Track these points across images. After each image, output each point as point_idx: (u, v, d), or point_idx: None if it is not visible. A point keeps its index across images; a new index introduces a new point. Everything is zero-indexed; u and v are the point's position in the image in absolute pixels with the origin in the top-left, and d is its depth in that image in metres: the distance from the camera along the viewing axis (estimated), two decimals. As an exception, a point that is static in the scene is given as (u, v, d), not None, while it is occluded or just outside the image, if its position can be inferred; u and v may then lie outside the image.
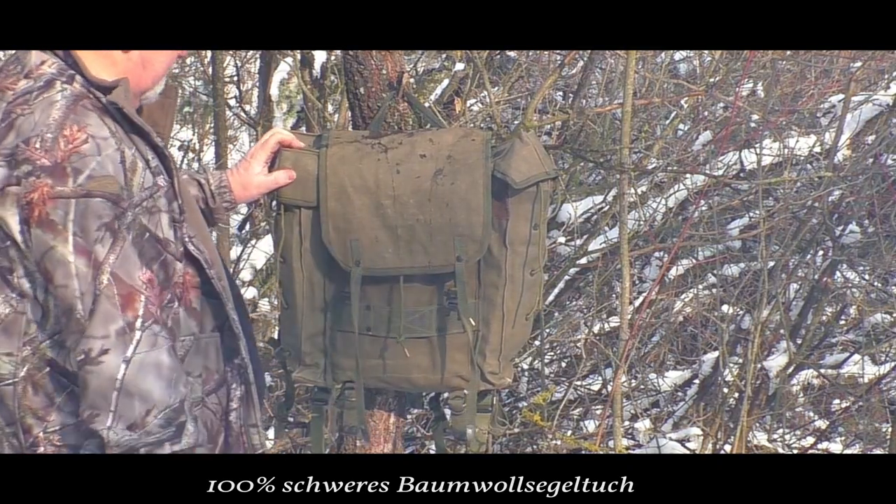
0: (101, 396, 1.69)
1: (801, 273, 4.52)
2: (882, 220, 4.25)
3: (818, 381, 4.76)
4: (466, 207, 2.17)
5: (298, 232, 2.21)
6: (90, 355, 1.69)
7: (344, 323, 2.22)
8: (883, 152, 4.25)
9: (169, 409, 1.73)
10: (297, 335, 2.28)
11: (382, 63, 2.35)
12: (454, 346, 2.24)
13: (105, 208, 1.70)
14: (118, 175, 1.72)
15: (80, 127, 1.72)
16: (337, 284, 2.22)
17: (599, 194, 5.08)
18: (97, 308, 1.69)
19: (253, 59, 5.87)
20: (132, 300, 1.71)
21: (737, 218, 4.92)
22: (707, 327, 4.94)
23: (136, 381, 1.70)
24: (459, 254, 2.17)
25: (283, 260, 2.25)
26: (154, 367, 1.71)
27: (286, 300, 2.28)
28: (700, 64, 5.35)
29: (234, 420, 1.92)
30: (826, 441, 4.69)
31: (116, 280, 1.70)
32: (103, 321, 1.69)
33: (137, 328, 1.71)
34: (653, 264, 5.08)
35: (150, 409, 1.71)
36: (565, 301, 5.01)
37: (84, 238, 1.69)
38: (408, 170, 2.18)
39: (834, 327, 4.78)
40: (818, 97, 5.03)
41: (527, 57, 4.60)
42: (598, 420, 4.44)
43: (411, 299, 2.20)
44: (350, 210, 2.16)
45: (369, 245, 2.15)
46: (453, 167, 2.18)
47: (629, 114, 3.07)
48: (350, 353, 2.23)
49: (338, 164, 2.18)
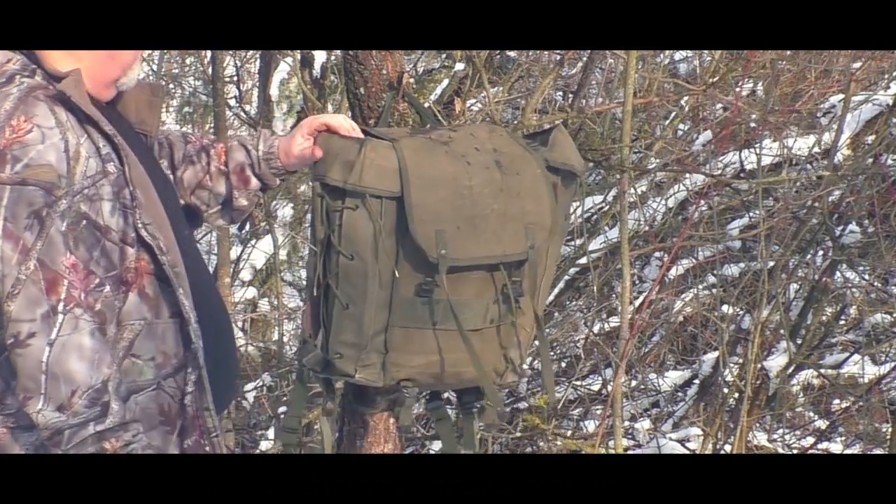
0: (32, 379, 1.78)
1: (801, 273, 4.52)
2: (882, 220, 4.25)
3: (818, 381, 4.76)
4: (534, 196, 2.19)
5: (379, 226, 2.11)
6: (18, 338, 1.77)
7: (407, 319, 2.16)
8: (883, 152, 4.25)
9: (91, 390, 1.79)
10: (366, 334, 2.15)
11: (382, 63, 2.35)
12: (495, 338, 2.24)
13: (37, 196, 1.78)
14: (59, 163, 1.80)
15: (27, 117, 1.81)
16: (407, 279, 2.14)
17: (599, 194, 5.08)
18: (24, 292, 1.77)
19: (253, 59, 5.88)
20: (55, 284, 1.78)
21: (737, 218, 4.93)
22: (707, 327, 4.94)
23: (59, 363, 1.78)
24: (531, 242, 2.18)
25: (351, 257, 2.12)
26: (76, 349, 1.79)
27: (350, 299, 2.14)
28: (700, 64, 5.35)
29: (189, 403, 1.95)
30: (826, 441, 4.69)
31: (42, 265, 1.78)
32: (29, 305, 1.77)
33: (60, 311, 1.78)
34: (653, 264, 5.08)
35: (75, 390, 1.78)
36: (565, 301, 5.01)
37: (14, 224, 1.77)
38: (475, 161, 2.17)
39: (834, 327, 4.77)
40: (818, 97, 5.04)
41: (527, 57, 4.60)
42: (598, 420, 4.44)
43: (473, 291, 2.19)
44: (433, 201, 2.10)
45: (452, 235, 2.11)
46: (506, 159, 2.19)
47: (629, 113, 3.08)
48: (411, 349, 2.17)
49: (414, 155, 2.13)
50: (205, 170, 2.20)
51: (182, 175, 2.20)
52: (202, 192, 2.21)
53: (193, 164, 2.20)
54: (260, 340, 6.27)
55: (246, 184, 2.21)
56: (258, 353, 5.96)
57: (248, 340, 5.98)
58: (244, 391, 5.26)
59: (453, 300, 2.14)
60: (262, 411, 5.09)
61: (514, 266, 2.20)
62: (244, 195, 2.22)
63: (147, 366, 1.89)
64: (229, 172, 2.20)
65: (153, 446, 1.88)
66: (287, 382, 4.87)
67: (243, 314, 6.05)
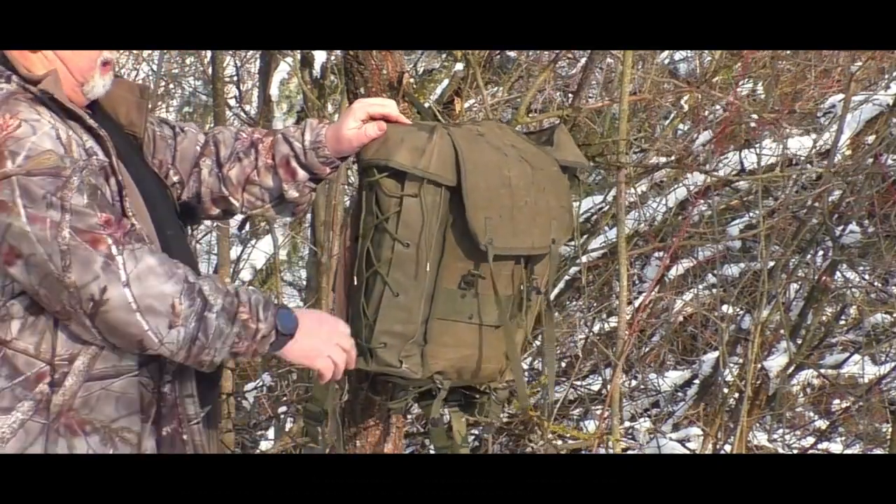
0: (130, 325, 1.82)
1: (801, 273, 4.52)
2: (882, 220, 4.25)
3: (818, 381, 4.76)
4: (557, 192, 2.21)
5: (437, 214, 2.10)
6: (95, 299, 1.80)
7: (446, 311, 2.14)
8: (883, 152, 4.25)
9: (182, 293, 1.84)
10: (415, 322, 2.13)
11: (382, 63, 2.35)
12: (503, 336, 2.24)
13: (47, 183, 1.81)
14: (57, 148, 1.84)
15: (11, 114, 1.84)
16: (451, 270, 2.13)
17: (599, 194, 5.08)
18: (73, 259, 1.80)
19: (253, 59, 5.88)
20: (98, 240, 1.82)
21: (737, 218, 4.93)
22: (707, 327, 4.94)
23: (143, 294, 1.82)
24: (555, 236, 2.20)
25: (407, 244, 2.10)
26: (149, 272, 1.83)
27: (401, 287, 2.11)
28: (700, 64, 5.35)
29: (169, 392, 1.96)
30: (826, 441, 4.69)
31: (77, 231, 1.81)
32: (85, 266, 1.80)
33: (115, 255, 1.82)
34: (653, 264, 5.08)
35: (172, 302, 1.83)
36: (565, 301, 5.02)
37: (35, 208, 1.80)
38: (510, 153, 2.17)
39: (834, 327, 4.77)
40: (818, 97, 5.04)
41: (527, 57, 4.60)
42: (597, 420, 4.44)
43: (501, 287, 2.17)
44: (484, 187, 2.10)
45: (496, 224, 2.11)
46: (528, 155, 2.20)
47: (626, 112, 3.08)
48: (446, 342, 2.16)
49: (464, 142, 2.12)
50: (252, 165, 2.20)
51: (228, 172, 2.20)
52: (252, 187, 2.21)
53: (241, 161, 2.20)
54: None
55: (293, 176, 2.20)
56: (258, 353, 5.95)
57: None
58: (244, 391, 5.25)
59: (487, 294, 2.14)
60: (262, 411, 5.09)
61: (535, 260, 2.21)
62: (293, 187, 2.20)
63: (129, 351, 1.91)
64: (276, 166, 2.20)
65: (133, 431, 1.91)
66: (287, 382, 4.86)
67: (243, 314, 6.05)
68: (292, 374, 4.88)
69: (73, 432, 1.88)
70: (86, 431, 1.89)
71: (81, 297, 1.80)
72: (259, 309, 1.91)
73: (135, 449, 1.91)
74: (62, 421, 1.87)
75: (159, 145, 2.18)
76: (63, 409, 1.87)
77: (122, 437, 1.91)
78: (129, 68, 6.31)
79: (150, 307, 1.82)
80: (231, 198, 2.20)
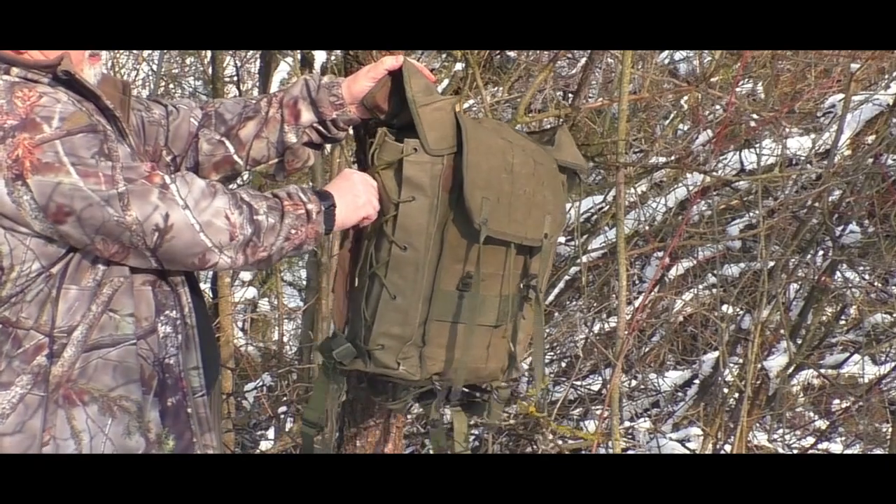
0: (196, 244, 1.90)
1: (801, 273, 4.52)
2: (882, 220, 4.25)
3: (818, 381, 4.76)
4: (553, 188, 2.22)
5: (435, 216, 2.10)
6: (160, 227, 1.87)
7: (444, 313, 2.15)
8: (883, 152, 4.25)
9: (230, 202, 1.93)
10: (412, 325, 2.14)
11: (382, 63, 2.35)
12: (504, 335, 2.24)
13: (89, 140, 1.84)
14: (82, 113, 1.86)
15: (29, 89, 1.85)
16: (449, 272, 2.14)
17: (599, 194, 5.09)
18: (131, 197, 1.85)
19: (253, 59, 5.87)
20: (150, 175, 1.88)
21: (737, 218, 4.93)
22: (707, 327, 4.94)
23: (202, 213, 1.90)
24: (547, 231, 2.21)
25: (404, 248, 2.11)
26: (201, 192, 1.91)
27: (399, 290, 2.13)
28: (700, 64, 5.35)
29: (174, 364, 1.99)
30: (826, 441, 4.69)
31: (129, 171, 1.86)
32: (143, 200, 1.85)
33: (169, 182, 1.88)
34: (653, 264, 5.08)
35: (226, 213, 1.91)
36: (565, 301, 5.02)
37: (83, 165, 1.82)
38: (516, 142, 2.18)
39: (834, 327, 4.78)
40: (818, 97, 5.04)
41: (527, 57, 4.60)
42: (597, 420, 4.44)
43: (496, 288, 2.18)
44: (486, 167, 2.10)
45: (493, 206, 2.11)
46: (528, 148, 2.20)
47: (626, 112, 3.08)
48: (443, 343, 2.17)
49: (469, 121, 2.13)
50: (262, 120, 2.22)
51: (238, 132, 2.22)
52: (259, 142, 2.22)
53: (251, 119, 2.23)
54: (260, 340, 6.27)
55: (296, 118, 2.21)
56: (258, 353, 5.96)
57: (248, 340, 5.98)
58: (244, 391, 5.26)
59: (486, 295, 2.15)
60: (262, 411, 5.09)
61: (534, 253, 2.21)
62: (293, 130, 2.21)
63: (125, 321, 1.93)
64: (282, 107, 2.21)
65: (132, 399, 1.93)
66: (287, 382, 4.87)
67: (243, 314, 6.05)
68: (292, 374, 4.89)
69: (71, 402, 1.89)
70: (84, 401, 1.90)
71: (145, 231, 1.86)
72: (300, 195, 2.01)
73: (134, 418, 1.92)
74: (61, 392, 1.89)
75: (149, 132, 2.19)
76: (62, 379, 1.89)
77: (120, 406, 1.92)
78: (129, 68, 6.30)
79: (209, 223, 1.90)
80: (236, 155, 2.22)
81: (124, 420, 1.91)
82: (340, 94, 2.20)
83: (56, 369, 1.89)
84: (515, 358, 2.26)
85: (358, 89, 2.19)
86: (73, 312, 1.89)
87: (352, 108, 2.21)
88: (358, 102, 2.20)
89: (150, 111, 2.20)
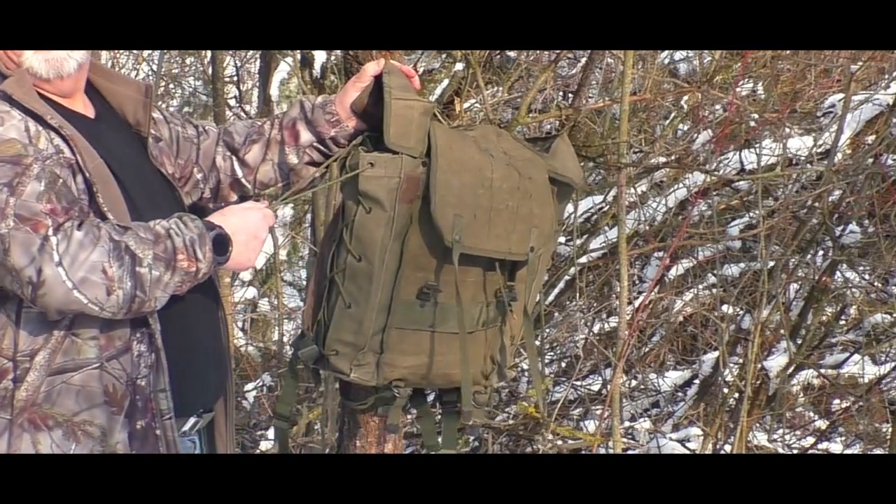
0: (72, 302, 1.82)
1: (801, 273, 4.52)
2: (882, 220, 4.25)
3: (818, 381, 4.76)
4: (541, 201, 2.21)
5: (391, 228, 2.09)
6: (33, 281, 1.80)
7: (405, 321, 2.15)
8: (883, 152, 4.25)
9: (110, 253, 1.83)
10: (365, 335, 2.15)
11: (382, 63, 2.34)
12: (484, 341, 2.24)
13: (6, 170, 1.82)
14: (22, 137, 1.86)
15: None
16: (409, 281, 2.13)
17: (599, 194, 5.08)
18: (12, 244, 1.80)
19: (253, 59, 5.87)
20: (38, 225, 1.82)
21: (737, 218, 4.92)
22: (707, 327, 4.94)
23: (78, 268, 1.81)
24: (534, 244, 2.19)
25: (358, 258, 2.11)
26: (79, 246, 1.82)
27: (353, 299, 2.13)
28: (700, 64, 5.35)
29: (144, 385, 1.97)
30: (826, 441, 4.69)
31: (20, 219, 1.81)
32: (25, 248, 1.80)
33: (51, 235, 1.81)
34: (653, 264, 5.08)
35: (103, 268, 1.82)
36: (565, 301, 5.01)
37: None
38: (498, 156, 2.17)
39: (834, 327, 4.77)
40: (818, 97, 5.03)
41: (527, 57, 4.60)
42: (597, 420, 4.44)
43: (469, 294, 2.17)
44: (458, 185, 2.09)
45: (468, 223, 2.09)
46: (518, 162, 2.19)
47: (626, 112, 3.08)
48: (405, 350, 2.17)
49: (445, 136, 2.12)
50: (265, 143, 2.25)
51: (245, 156, 2.25)
52: (265, 166, 2.25)
53: (256, 142, 2.25)
54: (260, 340, 6.27)
55: (296, 139, 2.23)
56: (258, 353, 5.96)
57: (248, 340, 5.98)
58: (244, 391, 5.26)
59: (449, 303, 2.13)
60: (262, 411, 5.09)
61: (511, 266, 2.20)
62: (294, 151, 2.24)
63: (87, 345, 1.92)
64: (283, 130, 2.24)
65: (96, 424, 1.91)
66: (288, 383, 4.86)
67: (243, 314, 6.05)
68: (292, 374, 4.87)
69: (36, 427, 1.89)
70: (49, 426, 1.90)
71: (21, 281, 1.81)
72: (195, 249, 1.91)
73: (98, 442, 1.92)
74: (26, 416, 1.89)
75: (183, 147, 2.22)
76: (27, 404, 1.89)
77: (84, 431, 1.91)
78: (129, 68, 6.30)
79: (83, 280, 1.82)
80: (244, 180, 2.25)
81: (88, 445, 1.91)
82: (335, 110, 2.22)
83: (20, 393, 1.88)
84: (499, 364, 2.26)
85: (348, 101, 2.22)
86: (35, 335, 1.89)
87: (349, 124, 2.23)
88: (350, 113, 2.22)
89: (185, 128, 2.24)
